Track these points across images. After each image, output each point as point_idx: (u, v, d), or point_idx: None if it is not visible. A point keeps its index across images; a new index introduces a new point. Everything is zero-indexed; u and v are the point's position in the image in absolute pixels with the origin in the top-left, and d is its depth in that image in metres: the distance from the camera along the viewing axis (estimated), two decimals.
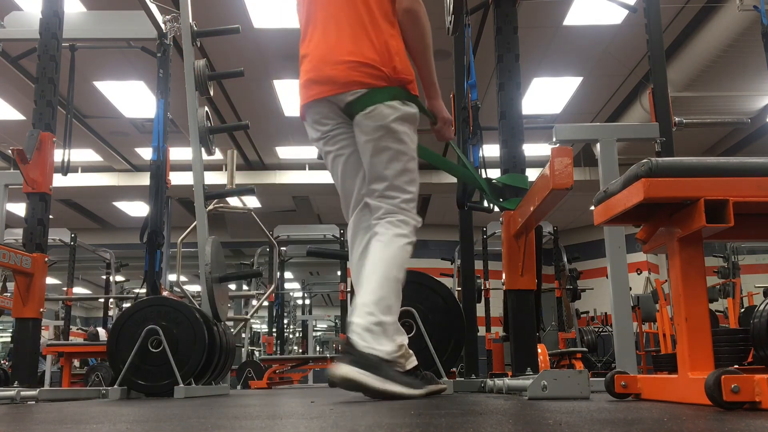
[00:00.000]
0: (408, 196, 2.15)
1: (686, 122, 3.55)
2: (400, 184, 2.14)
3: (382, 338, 1.89)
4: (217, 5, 6.25)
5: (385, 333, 1.91)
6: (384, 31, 2.12)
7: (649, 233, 1.52)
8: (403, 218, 2.11)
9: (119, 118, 8.80)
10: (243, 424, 1.14)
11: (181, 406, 1.97)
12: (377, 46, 2.09)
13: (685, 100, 7.27)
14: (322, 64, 2.14)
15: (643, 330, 8.37)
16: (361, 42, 2.09)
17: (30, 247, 3.02)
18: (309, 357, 9.31)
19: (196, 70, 3.53)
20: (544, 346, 5.59)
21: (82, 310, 20.75)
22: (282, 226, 9.15)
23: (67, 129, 4.11)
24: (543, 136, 8.17)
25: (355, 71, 2.07)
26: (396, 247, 2.05)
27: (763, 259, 11.21)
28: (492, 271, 8.41)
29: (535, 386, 1.81)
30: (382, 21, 2.13)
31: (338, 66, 2.09)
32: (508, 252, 2.53)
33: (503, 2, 2.72)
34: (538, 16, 6.49)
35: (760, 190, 1.32)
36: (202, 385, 3.33)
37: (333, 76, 2.09)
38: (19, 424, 1.18)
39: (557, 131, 2.61)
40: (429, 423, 1.05)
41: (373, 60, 2.07)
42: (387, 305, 1.95)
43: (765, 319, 2.31)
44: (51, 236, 7.25)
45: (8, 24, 4.43)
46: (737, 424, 0.94)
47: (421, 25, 2.17)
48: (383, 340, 1.89)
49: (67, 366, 6.24)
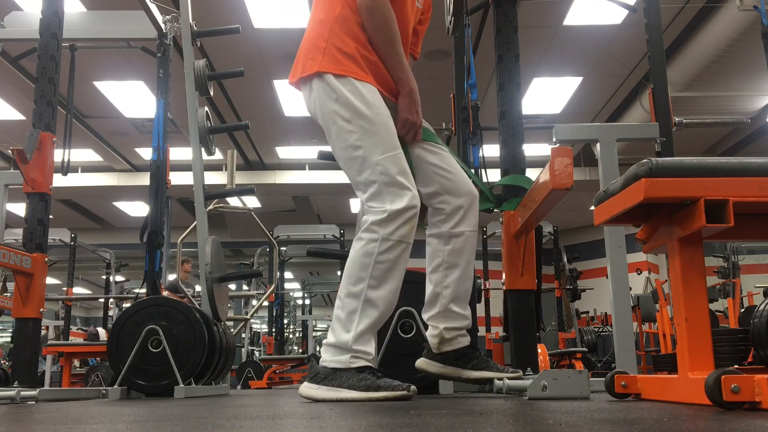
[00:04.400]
0: (365, 191, 1.96)
1: (686, 122, 3.55)
2: (354, 179, 2.00)
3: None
4: (217, 5, 6.26)
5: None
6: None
7: (649, 233, 1.52)
8: (366, 219, 1.96)
9: (119, 118, 8.80)
10: (243, 424, 1.14)
11: (181, 406, 1.97)
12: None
13: (685, 100, 7.28)
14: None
15: (643, 330, 8.37)
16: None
17: (30, 247, 3.02)
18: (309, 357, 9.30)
19: (196, 70, 3.53)
20: (544, 346, 5.59)
21: (82, 310, 20.77)
22: (282, 226, 9.15)
23: (67, 129, 4.11)
24: (543, 136, 8.17)
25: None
26: (351, 256, 1.96)
27: (763, 259, 11.21)
28: (492, 271, 8.40)
29: (535, 386, 1.81)
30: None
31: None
32: (508, 252, 2.54)
33: (503, 2, 2.72)
34: (538, 16, 6.49)
35: (760, 190, 1.32)
36: (202, 385, 3.33)
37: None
38: (19, 424, 1.18)
39: (557, 131, 2.61)
40: (429, 423, 1.05)
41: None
42: (344, 324, 1.91)
43: (765, 319, 2.31)
44: (51, 236, 7.25)
45: (8, 24, 4.43)
46: (737, 424, 0.94)
47: (376, 19, 1.99)
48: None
49: (67, 366, 6.24)
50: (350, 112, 1.95)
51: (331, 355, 1.90)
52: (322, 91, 1.98)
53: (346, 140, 1.95)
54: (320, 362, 1.92)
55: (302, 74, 2.02)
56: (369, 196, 1.93)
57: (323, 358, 1.91)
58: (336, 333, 1.92)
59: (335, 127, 1.98)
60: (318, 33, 2.04)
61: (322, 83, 1.98)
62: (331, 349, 1.91)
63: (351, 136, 1.94)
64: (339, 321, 1.92)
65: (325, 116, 2.00)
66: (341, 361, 1.88)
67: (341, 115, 1.96)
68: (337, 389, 1.85)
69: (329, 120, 1.99)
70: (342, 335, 1.90)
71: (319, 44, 2.02)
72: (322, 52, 1.99)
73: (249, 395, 3.50)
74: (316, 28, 2.06)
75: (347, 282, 1.93)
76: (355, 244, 1.96)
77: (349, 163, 1.97)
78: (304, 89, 2.07)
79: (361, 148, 1.93)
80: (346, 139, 1.95)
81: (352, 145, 1.94)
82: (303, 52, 2.07)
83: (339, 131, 1.97)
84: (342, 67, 1.97)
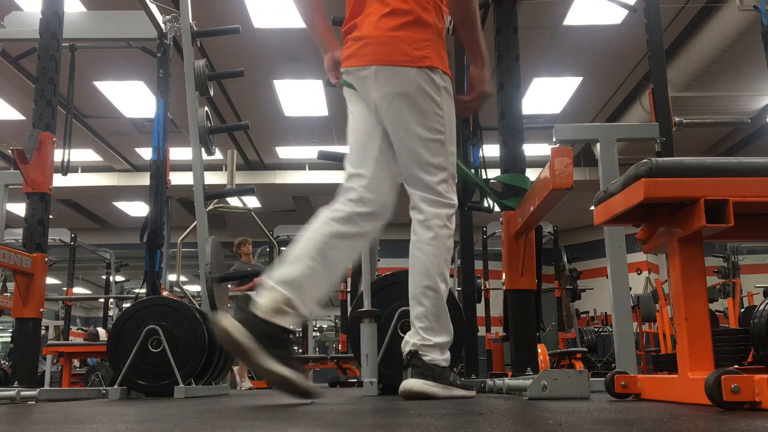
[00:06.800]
0: (435, 174, 2.07)
1: (686, 122, 3.55)
2: (427, 160, 2.09)
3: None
4: (217, 5, 6.26)
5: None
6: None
7: (649, 233, 1.52)
8: (438, 212, 2.06)
9: (119, 118, 8.80)
10: (243, 424, 1.14)
11: (180, 406, 1.97)
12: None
13: (685, 100, 7.28)
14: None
15: (643, 330, 8.37)
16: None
17: (30, 247, 3.02)
18: (309, 357, 9.30)
19: (196, 70, 3.53)
20: (544, 346, 5.59)
21: (82, 310, 20.76)
22: (282, 226, 9.14)
23: (67, 129, 4.11)
24: (543, 136, 8.16)
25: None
26: (433, 251, 2.04)
27: (763, 259, 11.22)
28: (492, 271, 8.41)
29: (535, 386, 1.81)
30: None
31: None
32: (508, 252, 2.54)
33: (503, 2, 2.72)
34: (538, 16, 6.49)
35: (760, 190, 1.32)
36: (202, 385, 3.33)
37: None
38: (19, 424, 1.18)
39: (557, 131, 2.61)
40: (429, 423, 1.05)
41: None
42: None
43: (765, 319, 2.31)
44: (51, 236, 7.25)
45: (8, 24, 4.43)
46: (737, 424, 0.94)
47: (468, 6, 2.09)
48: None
49: (67, 366, 6.24)
50: (446, 105, 2.02)
51: (440, 353, 1.96)
52: (423, 81, 1.99)
53: (433, 122, 2.01)
54: (427, 359, 1.93)
55: (411, 63, 1.99)
56: (439, 180, 2.00)
57: (432, 357, 1.94)
58: (437, 330, 1.97)
59: (429, 107, 2.00)
60: (417, 28, 2.02)
61: (425, 74, 1.99)
62: (438, 348, 1.96)
63: (439, 120, 2.01)
64: (437, 318, 1.97)
65: (416, 98, 1.99)
66: (447, 359, 1.97)
67: (437, 103, 2.01)
68: (450, 388, 1.93)
69: (420, 101, 1.99)
70: (443, 333, 1.97)
71: (421, 37, 2.02)
72: (427, 46, 2.01)
73: (249, 395, 3.50)
74: (413, 23, 2.02)
75: (440, 278, 1.98)
76: (427, 233, 1.99)
77: (428, 144, 2.00)
78: (387, 71, 2.00)
79: (444, 134, 2.02)
80: (434, 121, 2.01)
81: (437, 129, 2.01)
82: (400, 40, 2.00)
83: (429, 114, 2.00)
84: (444, 64, 2.05)
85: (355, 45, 2.04)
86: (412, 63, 1.99)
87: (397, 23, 2.00)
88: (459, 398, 1.91)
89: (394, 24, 2.00)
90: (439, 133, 2.01)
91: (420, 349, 1.94)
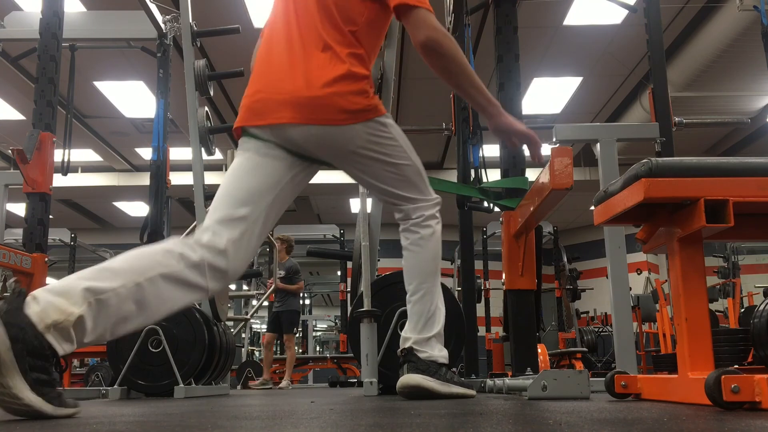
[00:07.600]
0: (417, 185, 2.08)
1: (686, 122, 3.55)
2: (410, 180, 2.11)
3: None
4: (217, 5, 6.26)
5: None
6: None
7: (649, 233, 1.52)
8: (423, 214, 2.08)
9: (119, 118, 8.80)
10: (243, 424, 1.14)
11: (181, 406, 1.97)
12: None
13: (685, 100, 7.28)
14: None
15: (643, 330, 8.37)
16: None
17: (30, 247, 3.02)
18: (309, 357, 9.31)
19: (196, 70, 3.53)
20: (544, 346, 5.59)
21: None
22: (282, 226, 9.14)
23: (67, 129, 4.11)
24: (543, 136, 8.15)
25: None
26: (431, 246, 2.04)
27: (763, 259, 11.21)
28: (492, 271, 8.41)
29: (535, 386, 1.81)
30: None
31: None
32: (508, 252, 2.54)
33: (503, 2, 2.73)
34: (538, 16, 6.49)
35: (760, 190, 1.32)
36: (202, 385, 3.33)
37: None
38: (18, 423, 1.18)
39: (557, 131, 2.61)
40: (429, 423, 1.05)
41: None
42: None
43: (765, 319, 2.31)
44: (51, 236, 7.24)
45: (8, 24, 4.43)
46: (737, 424, 0.94)
47: (444, 57, 1.85)
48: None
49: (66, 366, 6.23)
50: (401, 140, 1.95)
51: (438, 350, 1.97)
52: (375, 130, 1.90)
53: (401, 157, 1.96)
54: (423, 356, 1.93)
55: (365, 118, 1.85)
56: (416, 184, 1.98)
57: (430, 353, 1.94)
58: (436, 326, 1.97)
59: (394, 151, 1.94)
60: (357, 70, 1.86)
61: (375, 123, 1.89)
62: (434, 343, 1.96)
63: (403, 153, 1.96)
64: (437, 313, 1.97)
65: (380, 147, 1.92)
66: (445, 356, 1.97)
67: (398, 144, 1.95)
68: (448, 384, 1.93)
69: (385, 148, 1.93)
70: (436, 324, 1.97)
71: (363, 84, 1.86)
72: (369, 93, 1.87)
73: (249, 395, 3.50)
74: (351, 64, 1.85)
75: (436, 275, 1.99)
76: (426, 231, 1.99)
77: (405, 169, 1.97)
78: (347, 129, 1.85)
79: (411, 159, 1.98)
80: (401, 156, 1.96)
81: (406, 158, 1.97)
82: (345, 90, 1.82)
83: (395, 153, 1.95)
84: (381, 107, 1.94)
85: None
86: (367, 116, 1.86)
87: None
88: (458, 396, 1.91)
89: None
90: (408, 159, 1.98)
91: (416, 345, 1.95)
